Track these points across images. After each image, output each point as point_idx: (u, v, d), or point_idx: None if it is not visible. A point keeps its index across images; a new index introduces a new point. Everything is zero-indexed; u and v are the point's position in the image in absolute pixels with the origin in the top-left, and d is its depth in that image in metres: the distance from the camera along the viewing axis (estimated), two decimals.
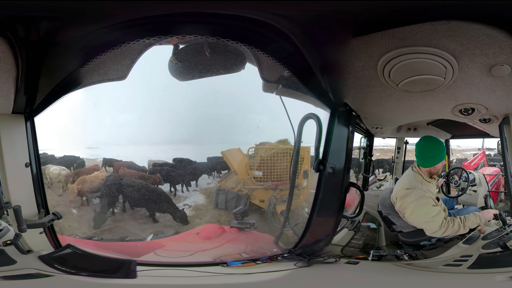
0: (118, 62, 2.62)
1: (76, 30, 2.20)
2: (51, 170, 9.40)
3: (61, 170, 9.41)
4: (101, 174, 9.29)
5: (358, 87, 2.86)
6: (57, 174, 9.28)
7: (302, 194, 7.78)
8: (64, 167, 9.53)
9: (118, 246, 4.97)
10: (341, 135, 3.23)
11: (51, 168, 9.42)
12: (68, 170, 9.50)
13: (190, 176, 9.55)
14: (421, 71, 2.48)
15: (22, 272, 2.90)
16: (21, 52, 2.20)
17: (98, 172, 9.36)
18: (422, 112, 3.67)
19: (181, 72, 2.75)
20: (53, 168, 9.45)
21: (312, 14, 2.12)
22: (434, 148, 3.72)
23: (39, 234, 3.22)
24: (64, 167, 9.57)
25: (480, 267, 2.97)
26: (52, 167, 9.46)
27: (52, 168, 9.43)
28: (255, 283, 3.12)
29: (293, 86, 3.04)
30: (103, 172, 9.66)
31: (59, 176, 9.27)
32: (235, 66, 2.76)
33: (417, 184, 3.59)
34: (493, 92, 2.81)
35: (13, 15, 2.02)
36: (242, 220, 4.63)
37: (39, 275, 2.90)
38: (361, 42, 2.28)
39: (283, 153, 8.16)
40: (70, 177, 9.28)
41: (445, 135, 5.85)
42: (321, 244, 3.52)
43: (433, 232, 3.46)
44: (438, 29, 2.11)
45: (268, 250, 3.81)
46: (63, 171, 9.43)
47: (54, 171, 9.33)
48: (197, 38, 2.41)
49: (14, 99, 2.68)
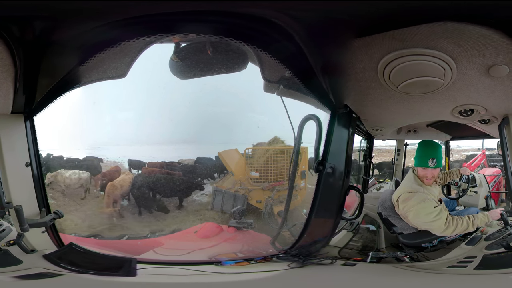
0: (117, 60, 2.61)
1: (73, 29, 2.20)
2: (68, 175, 8.54)
3: (81, 173, 8.74)
4: (128, 176, 8.75)
5: (359, 89, 2.87)
6: (77, 178, 8.61)
7: (299, 195, 7.76)
8: (83, 170, 8.88)
9: (119, 244, 4.98)
10: (341, 137, 3.23)
11: (66, 173, 8.54)
12: (88, 173, 8.87)
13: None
14: (421, 73, 2.49)
15: (32, 272, 2.93)
16: (18, 51, 2.21)
17: (124, 175, 8.83)
18: (422, 114, 3.67)
19: (182, 71, 2.75)
20: (69, 172, 8.59)
21: (320, 15, 2.13)
22: (426, 148, 3.75)
23: (41, 233, 3.23)
24: (80, 170, 8.88)
25: (486, 268, 2.97)
26: (67, 172, 8.59)
27: (69, 173, 8.57)
28: (245, 282, 3.14)
29: (294, 86, 3.04)
30: (130, 174, 9.15)
31: (80, 181, 8.63)
32: (237, 65, 2.76)
33: (419, 188, 3.58)
34: (492, 93, 2.81)
35: (7, 15, 2.02)
36: (240, 219, 4.63)
37: (50, 274, 2.93)
38: (362, 43, 2.28)
39: (280, 154, 8.14)
40: (98, 180, 8.81)
41: (445, 136, 5.85)
42: (318, 245, 3.52)
43: (442, 231, 3.44)
44: (435, 30, 2.12)
45: (264, 250, 3.82)
46: (84, 174, 8.78)
47: (73, 175, 8.62)
48: (200, 37, 2.40)
49: (13, 99, 2.68)
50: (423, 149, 3.75)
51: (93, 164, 9.25)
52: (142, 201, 8.25)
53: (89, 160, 9.24)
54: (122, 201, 8.35)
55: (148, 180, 8.57)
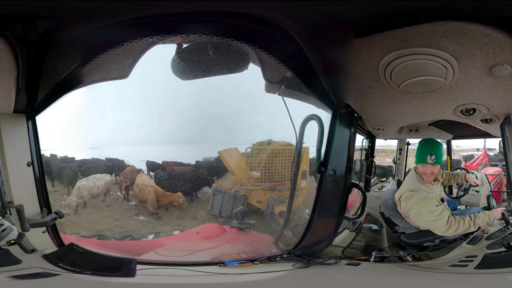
0: (120, 60, 2.62)
1: (76, 29, 2.21)
2: (92, 184, 7.48)
3: (105, 177, 8.00)
4: (148, 181, 8.21)
5: (360, 89, 2.86)
6: (103, 184, 7.85)
7: (300, 195, 7.72)
8: (106, 174, 8.16)
9: (120, 245, 4.98)
10: (343, 136, 3.23)
11: (88, 183, 7.51)
12: (110, 175, 8.24)
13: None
14: (422, 72, 2.48)
15: (29, 272, 2.92)
16: (21, 51, 2.21)
17: (146, 180, 8.22)
18: (424, 113, 3.67)
19: (184, 71, 2.76)
20: (93, 180, 7.58)
21: (320, 15, 2.14)
22: (426, 146, 3.76)
23: (42, 233, 3.23)
24: (101, 174, 8.11)
25: (487, 267, 2.98)
26: (88, 180, 7.58)
27: (92, 181, 7.55)
28: (249, 283, 3.13)
29: (296, 87, 3.05)
30: (147, 176, 8.59)
31: (106, 185, 7.93)
32: (238, 66, 2.77)
33: (420, 186, 3.59)
34: (494, 92, 2.81)
35: (11, 14, 2.03)
36: (242, 220, 4.63)
37: (46, 274, 2.92)
38: (363, 43, 2.28)
39: (282, 153, 8.11)
40: (122, 182, 8.14)
41: (446, 135, 5.85)
42: (321, 245, 3.52)
43: (444, 231, 3.44)
44: (437, 29, 2.12)
45: (267, 250, 3.81)
46: (107, 176, 8.06)
47: (98, 182, 7.74)
48: (201, 38, 2.41)
49: (15, 99, 2.69)
50: (422, 147, 3.77)
51: (115, 165, 8.90)
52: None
53: (110, 161, 8.92)
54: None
55: (174, 174, 8.55)
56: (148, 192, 7.63)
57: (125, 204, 7.98)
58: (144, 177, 8.27)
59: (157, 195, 7.61)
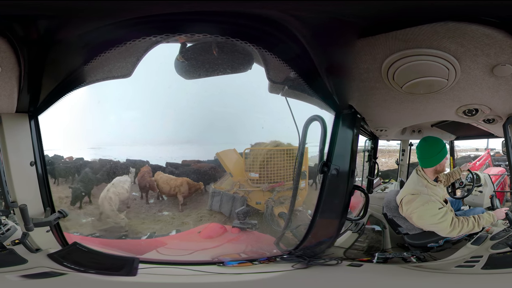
0: (123, 59, 2.62)
1: (79, 28, 2.21)
2: (115, 189, 7.25)
3: (127, 178, 7.96)
4: (173, 177, 8.46)
5: (363, 89, 2.86)
6: (129, 186, 7.78)
7: (300, 195, 7.70)
8: (125, 176, 8.05)
9: (122, 244, 4.99)
10: (345, 137, 3.22)
11: (112, 188, 7.22)
12: (128, 176, 8.22)
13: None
14: (424, 73, 2.49)
15: (36, 271, 2.93)
16: (22, 51, 2.22)
17: (171, 177, 8.50)
18: (426, 114, 3.66)
19: (187, 71, 2.76)
20: (117, 187, 7.32)
21: (324, 15, 2.14)
22: (434, 146, 3.73)
23: (46, 233, 3.25)
24: (121, 177, 7.91)
25: (493, 267, 2.96)
26: (111, 185, 7.30)
27: (115, 186, 7.29)
28: (247, 282, 3.13)
29: (299, 87, 3.05)
30: (165, 175, 8.69)
31: (130, 187, 7.93)
32: (242, 66, 2.77)
33: (422, 189, 3.57)
34: (496, 92, 2.81)
35: (11, 14, 2.03)
36: (244, 220, 4.64)
37: (54, 273, 2.92)
38: (365, 43, 2.29)
39: (281, 154, 8.09)
40: (147, 182, 8.31)
41: (449, 136, 5.83)
42: (323, 246, 3.50)
43: (448, 233, 3.43)
44: (437, 30, 2.12)
45: (268, 251, 3.81)
46: (127, 177, 8.04)
47: (125, 184, 7.65)
48: (206, 37, 2.41)
49: (17, 98, 2.69)
50: (429, 149, 3.76)
51: (138, 166, 8.75)
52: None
53: (132, 162, 8.82)
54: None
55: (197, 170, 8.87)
56: (181, 184, 8.29)
57: (144, 203, 8.31)
58: (163, 175, 8.58)
59: (189, 185, 8.38)
